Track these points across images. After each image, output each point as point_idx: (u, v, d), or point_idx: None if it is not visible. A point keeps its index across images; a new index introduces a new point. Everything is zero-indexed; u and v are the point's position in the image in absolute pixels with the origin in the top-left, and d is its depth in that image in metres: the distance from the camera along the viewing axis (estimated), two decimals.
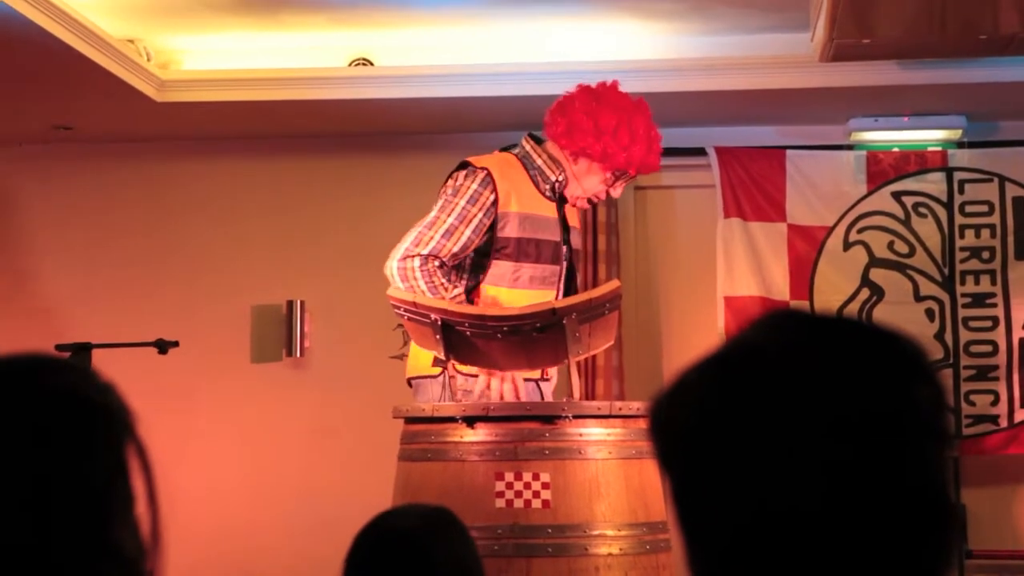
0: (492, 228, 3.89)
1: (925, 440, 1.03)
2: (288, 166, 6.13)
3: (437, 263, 3.87)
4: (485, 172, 3.90)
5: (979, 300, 5.64)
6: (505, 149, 4.08)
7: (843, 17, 4.39)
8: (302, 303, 6.06)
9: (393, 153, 6.10)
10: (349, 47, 5.56)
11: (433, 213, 3.93)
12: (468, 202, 3.89)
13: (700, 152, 5.82)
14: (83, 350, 5.21)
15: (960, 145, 5.73)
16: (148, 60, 5.41)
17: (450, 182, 4.00)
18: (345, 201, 6.11)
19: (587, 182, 3.95)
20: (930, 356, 1.07)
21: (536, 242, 3.94)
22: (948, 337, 5.61)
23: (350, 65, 5.57)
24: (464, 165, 3.99)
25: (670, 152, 5.87)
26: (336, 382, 6.02)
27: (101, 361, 5.11)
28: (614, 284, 3.91)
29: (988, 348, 5.61)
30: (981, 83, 5.24)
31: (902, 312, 5.59)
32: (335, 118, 5.78)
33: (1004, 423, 5.57)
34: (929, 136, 5.75)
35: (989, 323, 5.62)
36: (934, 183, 5.70)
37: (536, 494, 3.78)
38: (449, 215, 3.89)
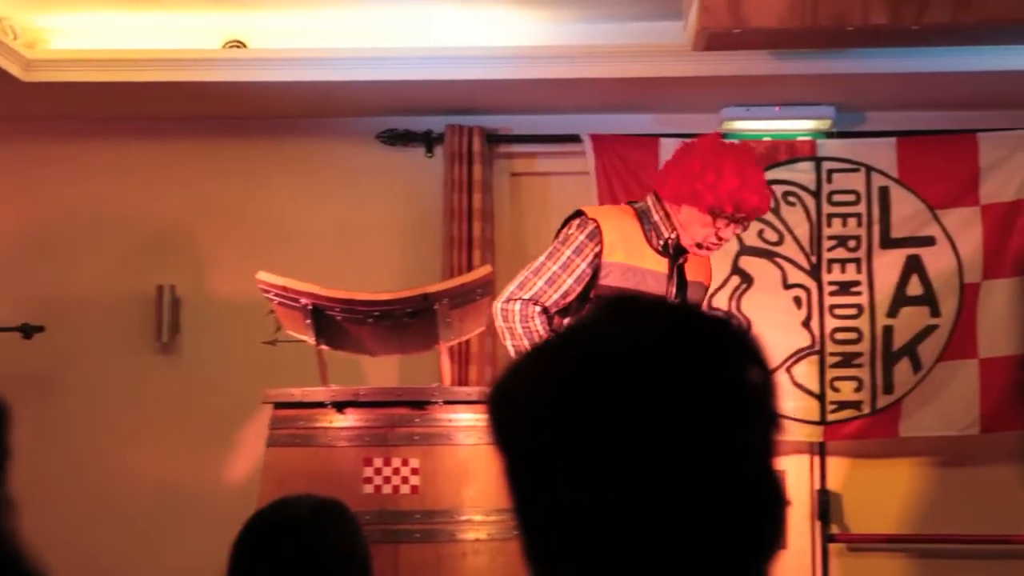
0: (595, 276, 4.00)
1: (754, 423, 1.04)
2: (161, 148, 6.03)
3: (538, 308, 3.97)
4: (595, 224, 4.02)
5: (845, 288, 5.73)
6: (633, 203, 4.22)
7: (715, 6, 4.44)
8: (173, 288, 5.97)
9: (269, 137, 6.03)
10: (223, 28, 5.48)
11: (541, 259, 4.06)
12: (573, 252, 4.00)
13: (575, 139, 5.83)
14: None
15: (829, 135, 5.82)
16: (15, 39, 5.29)
17: (564, 229, 4.12)
18: (219, 185, 6.03)
19: (692, 229, 4.02)
20: (759, 342, 1.08)
21: (639, 295, 3.99)
22: (815, 324, 5.70)
23: (224, 47, 5.50)
24: (578, 214, 4.12)
25: (545, 139, 5.95)
26: (207, 368, 5.95)
27: None
28: (486, 270, 3.93)
29: (853, 335, 5.71)
30: (850, 74, 5.33)
31: (770, 300, 5.67)
32: (209, 101, 5.70)
33: (867, 409, 5.68)
34: (799, 126, 5.83)
35: (854, 311, 5.72)
36: (803, 172, 5.78)
37: (405, 480, 3.78)
38: (555, 263, 4.01)
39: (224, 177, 6.03)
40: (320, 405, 3.86)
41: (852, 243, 5.75)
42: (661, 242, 4.06)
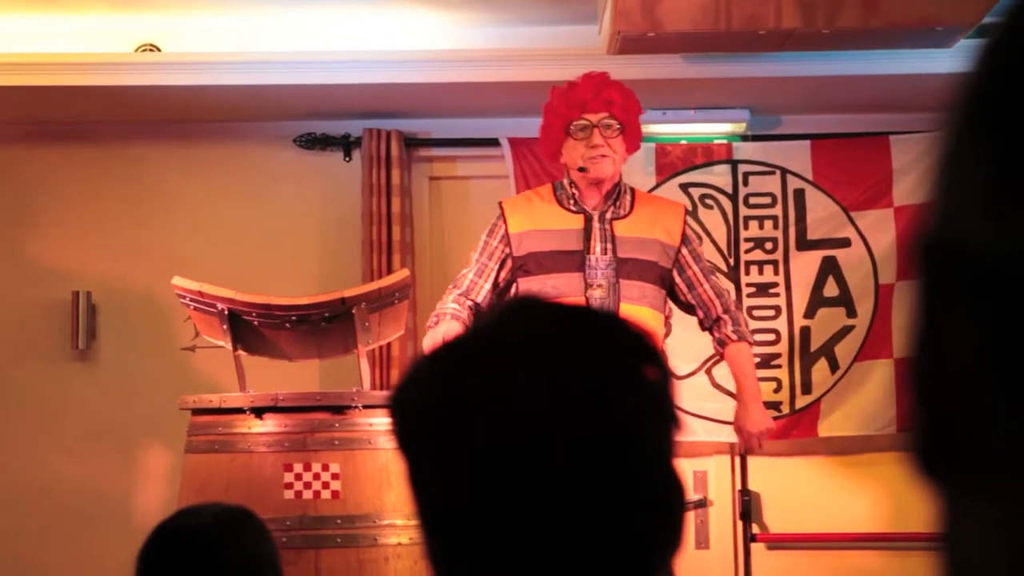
0: (511, 251, 4.20)
1: (654, 421, 1.04)
2: (73, 153, 5.97)
3: (469, 303, 4.16)
4: (500, 208, 4.28)
5: (762, 289, 5.79)
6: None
7: (629, 10, 4.47)
8: (89, 294, 5.91)
9: (185, 141, 5.98)
10: (136, 32, 5.44)
11: None
12: (487, 235, 4.25)
13: (494, 143, 5.85)
14: None
15: (744, 138, 5.87)
16: None
17: None
18: (133, 189, 5.97)
19: (570, 159, 4.19)
20: (655, 342, 1.09)
21: (551, 254, 4.15)
22: None
23: (137, 51, 5.45)
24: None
25: (464, 143, 5.96)
26: (125, 374, 5.89)
27: None
28: (403, 274, 3.94)
29: (771, 336, 5.77)
30: (763, 78, 5.39)
31: None
32: (122, 105, 5.65)
33: (786, 409, 5.74)
34: (715, 129, 5.88)
35: (772, 312, 5.78)
36: (720, 175, 5.83)
37: (325, 485, 3.77)
38: (476, 252, 4.26)
39: (140, 182, 5.98)
40: (239, 411, 3.83)
41: (769, 245, 5.81)
42: (572, 202, 4.20)
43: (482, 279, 4.21)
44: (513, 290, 4.22)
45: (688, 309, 4.36)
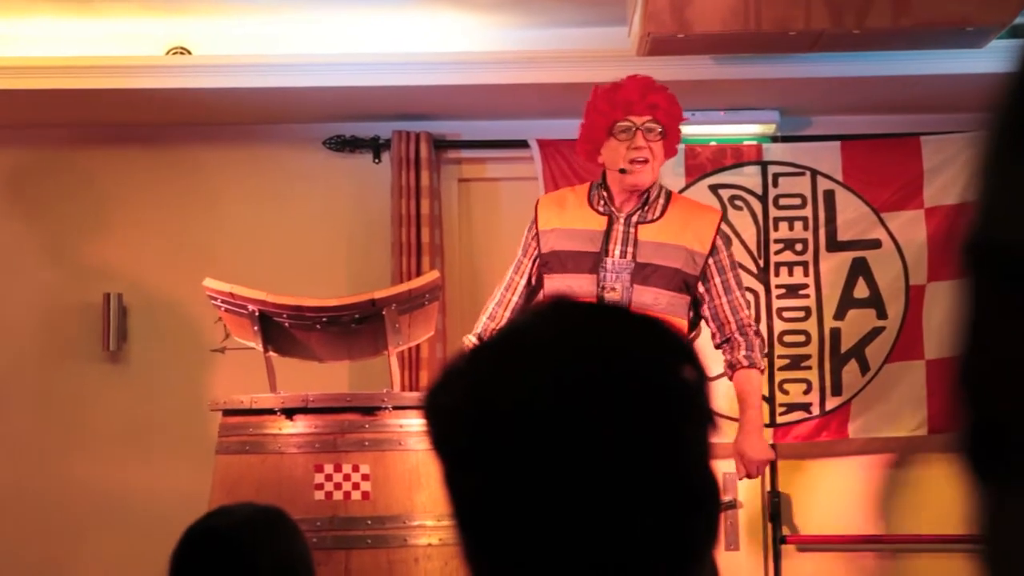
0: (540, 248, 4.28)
1: (691, 422, 1.04)
2: (104, 155, 6.00)
3: (503, 311, 4.31)
4: (536, 203, 4.37)
5: (792, 291, 5.77)
6: None
7: (659, 12, 4.47)
8: (120, 296, 5.93)
9: (215, 144, 6.01)
10: (167, 35, 5.46)
11: None
12: (527, 231, 4.33)
13: (523, 144, 5.85)
14: None
15: (774, 139, 5.86)
16: None
17: None
18: (163, 191, 6.00)
19: (611, 160, 4.18)
20: (691, 343, 1.08)
21: (572, 254, 4.18)
22: (763, 327, 5.73)
23: (168, 54, 5.47)
24: None
25: (493, 144, 5.96)
26: (156, 376, 5.92)
27: None
28: (433, 275, 3.94)
29: (801, 338, 5.75)
30: (793, 78, 5.37)
31: None
32: (153, 107, 5.67)
33: (816, 411, 5.72)
34: (744, 130, 5.86)
35: (802, 313, 5.76)
36: (749, 176, 5.82)
37: (356, 486, 3.77)
38: (520, 247, 4.36)
39: (170, 184, 6.01)
40: (269, 412, 3.84)
41: (799, 246, 5.79)
42: (601, 203, 4.20)
43: (518, 275, 4.32)
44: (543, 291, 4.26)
45: (705, 320, 4.31)
